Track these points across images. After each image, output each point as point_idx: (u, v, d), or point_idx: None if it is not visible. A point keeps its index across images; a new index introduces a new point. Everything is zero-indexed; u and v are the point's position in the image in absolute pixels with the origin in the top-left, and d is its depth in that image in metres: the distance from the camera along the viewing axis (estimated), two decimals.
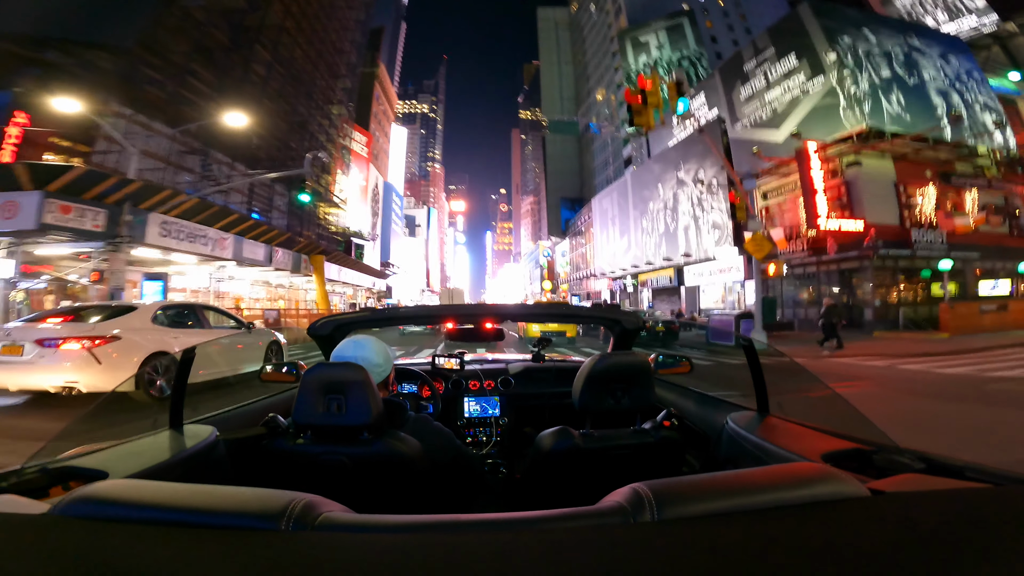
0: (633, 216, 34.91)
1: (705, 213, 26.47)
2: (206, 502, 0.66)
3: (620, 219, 37.07)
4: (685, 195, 28.45)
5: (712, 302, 27.57)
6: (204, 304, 8.61)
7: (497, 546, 0.57)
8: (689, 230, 27.88)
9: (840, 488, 0.66)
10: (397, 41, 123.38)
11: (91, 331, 5.45)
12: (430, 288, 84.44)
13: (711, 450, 1.51)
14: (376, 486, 1.23)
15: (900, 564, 0.49)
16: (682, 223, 28.71)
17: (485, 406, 2.36)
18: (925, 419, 5.37)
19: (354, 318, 1.96)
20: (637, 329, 1.97)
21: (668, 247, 30.12)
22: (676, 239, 29.28)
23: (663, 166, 31.08)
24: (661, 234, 31.17)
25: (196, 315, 6.95)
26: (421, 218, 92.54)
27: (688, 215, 28.07)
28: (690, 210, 27.90)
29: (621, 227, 36.94)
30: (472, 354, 2.74)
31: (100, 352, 5.28)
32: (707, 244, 26.22)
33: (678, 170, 29.16)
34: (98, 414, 3.51)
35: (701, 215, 26.82)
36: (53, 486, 0.96)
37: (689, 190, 28.02)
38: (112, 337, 5.47)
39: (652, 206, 32.30)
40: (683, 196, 28.66)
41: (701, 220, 26.81)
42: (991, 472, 0.82)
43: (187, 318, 6.77)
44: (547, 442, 1.35)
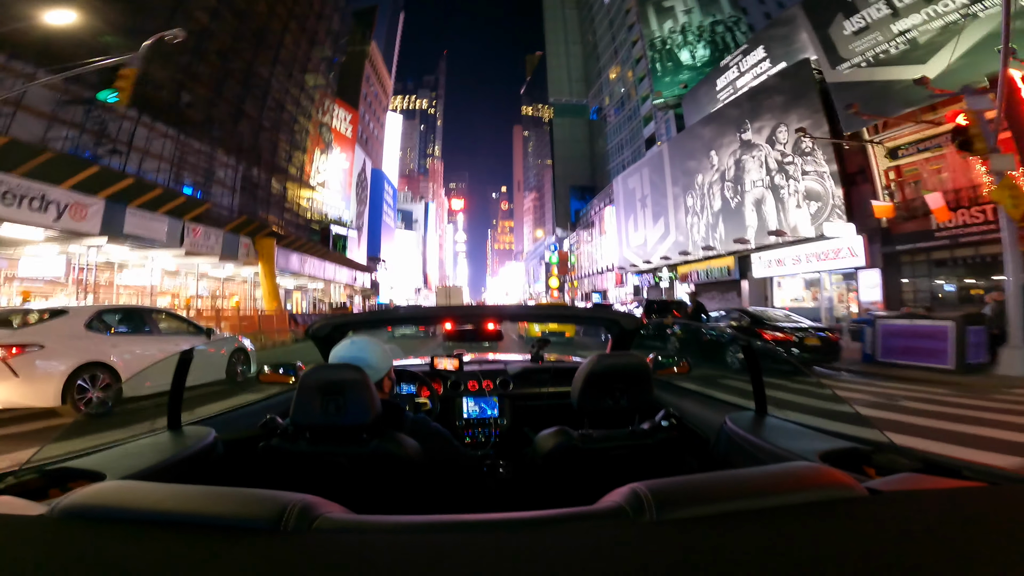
0: (673, 194, 27.36)
1: (792, 181, 18.89)
2: (205, 503, 0.65)
3: (653, 199, 29.52)
4: (755, 161, 20.89)
5: (789, 300, 20.09)
6: (154, 308, 7.71)
7: (496, 547, 0.56)
8: (765, 204, 20.31)
9: (838, 488, 0.65)
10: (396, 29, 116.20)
11: (7, 339, 4.77)
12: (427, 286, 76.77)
13: (709, 450, 1.47)
14: (375, 487, 1.20)
15: (898, 564, 0.49)
16: (751, 197, 21.14)
17: (484, 407, 2.27)
18: None
19: (352, 319, 1.91)
20: (636, 329, 1.89)
21: (729, 228, 22.55)
22: (740, 217, 21.73)
23: (718, 128, 23.51)
24: (716, 212, 23.60)
25: (143, 320, 6.12)
26: (418, 213, 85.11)
27: (762, 185, 20.49)
28: (765, 179, 20.33)
29: (655, 209, 29.38)
30: (471, 355, 2.68)
31: (17, 362, 4.66)
32: (795, 220, 18.65)
33: (742, 130, 21.61)
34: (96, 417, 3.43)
35: (785, 184, 19.25)
36: (52, 487, 0.93)
37: (763, 153, 20.46)
38: (31, 345, 4.82)
39: (702, 179, 24.73)
40: (752, 163, 21.11)
41: (785, 191, 19.24)
42: (988, 472, 0.80)
43: (131, 324, 6.00)
44: (546, 442, 1.34)
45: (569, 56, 66.34)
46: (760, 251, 20.75)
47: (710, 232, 24.07)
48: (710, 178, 24.14)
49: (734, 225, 22.19)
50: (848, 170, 16.92)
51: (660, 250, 28.56)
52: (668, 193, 27.77)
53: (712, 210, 23.95)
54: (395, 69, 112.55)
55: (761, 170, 20.58)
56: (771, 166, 20.01)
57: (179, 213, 15.87)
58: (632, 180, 32.55)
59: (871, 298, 16.24)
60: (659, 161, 29.09)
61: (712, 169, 23.98)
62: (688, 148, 26.06)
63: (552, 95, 62.79)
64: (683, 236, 26.40)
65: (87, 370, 5.07)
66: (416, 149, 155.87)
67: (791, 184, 18.93)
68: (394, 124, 74.84)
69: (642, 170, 31.38)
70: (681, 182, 26.61)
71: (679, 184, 26.83)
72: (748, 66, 24.95)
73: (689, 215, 25.89)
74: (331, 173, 39.88)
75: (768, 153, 20.20)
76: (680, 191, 26.68)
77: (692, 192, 25.66)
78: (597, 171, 56.74)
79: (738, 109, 22.13)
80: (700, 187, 24.95)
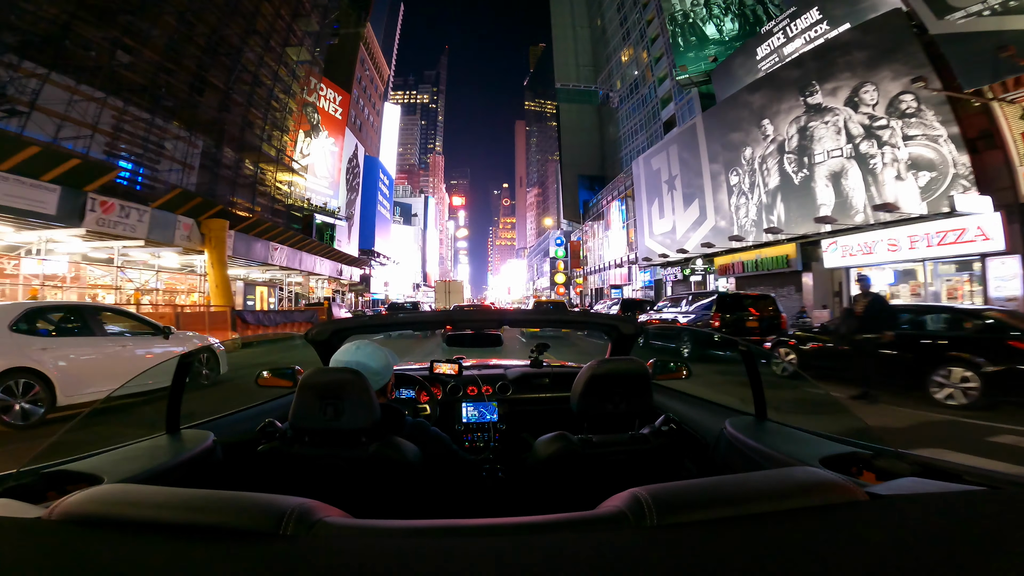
0: (711, 172, 22.97)
1: (888, 148, 14.52)
2: (203, 507, 0.63)
3: (685, 180, 25.12)
4: (829, 127, 16.54)
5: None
6: (99, 305, 6.69)
7: (496, 551, 0.55)
8: (847, 177, 15.95)
9: (838, 493, 0.64)
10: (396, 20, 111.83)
11: None
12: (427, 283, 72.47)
13: (709, 455, 1.45)
14: (374, 491, 1.18)
15: (898, 567, 0.49)
16: (824, 169, 16.78)
17: (483, 411, 2.22)
18: None
19: (353, 323, 2.01)
20: (635, 334, 1.86)
21: (793, 208, 18.19)
22: (807, 195, 17.37)
23: (772, 93, 19.19)
24: (772, 190, 19.24)
25: (84, 320, 5.29)
26: (418, 207, 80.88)
27: (843, 155, 16.14)
28: (846, 147, 15.99)
29: (686, 191, 24.96)
30: (470, 360, 2.66)
31: None
32: (894, 194, 14.28)
33: (807, 94, 17.32)
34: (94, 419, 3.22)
35: (877, 152, 14.89)
36: (50, 490, 0.92)
37: (839, 118, 16.12)
38: None
39: (752, 153, 20.35)
40: (824, 129, 16.75)
41: (877, 160, 14.89)
42: (988, 475, 0.79)
43: (70, 324, 5.24)
44: (545, 447, 1.30)
45: (576, 40, 61.72)
46: (836, 235, 16.37)
47: (763, 214, 19.69)
48: (763, 151, 19.74)
49: (800, 204, 17.80)
50: (968, 134, 12.61)
51: (695, 237, 24.13)
52: (704, 172, 23.36)
53: (766, 188, 19.57)
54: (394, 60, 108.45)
55: (839, 137, 16.20)
56: (854, 132, 15.65)
57: (77, 181, 11.53)
58: (656, 160, 28.12)
59: (1007, 292, 11.95)
60: (691, 137, 24.66)
61: (765, 140, 19.59)
62: (730, 119, 21.65)
63: (559, 80, 58.14)
64: (725, 220, 22.00)
65: (11, 377, 4.45)
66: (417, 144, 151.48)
67: (887, 152, 14.53)
68: (392, 115, 70.67)
69: (668, 148, 26.94)
70: (722, 158, 22.21)
71: (719, 160, 22.44)
72: (798, 30, 20.95)
73: (735, 195, 21.49)
74: (317, 157, 35.63)
75: (848, 117, 15.85)
76: (720, 168, 22.29)
77: (737, 169, 21.27)
78: (607, 159, 52.23)
79: (799, 70, 17.79)
80: (748, 162, 20.56)
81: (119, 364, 5.21)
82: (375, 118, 58.84)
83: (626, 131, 48.27)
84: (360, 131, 51.02)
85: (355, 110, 50.30)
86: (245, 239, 19.31)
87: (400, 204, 73.90)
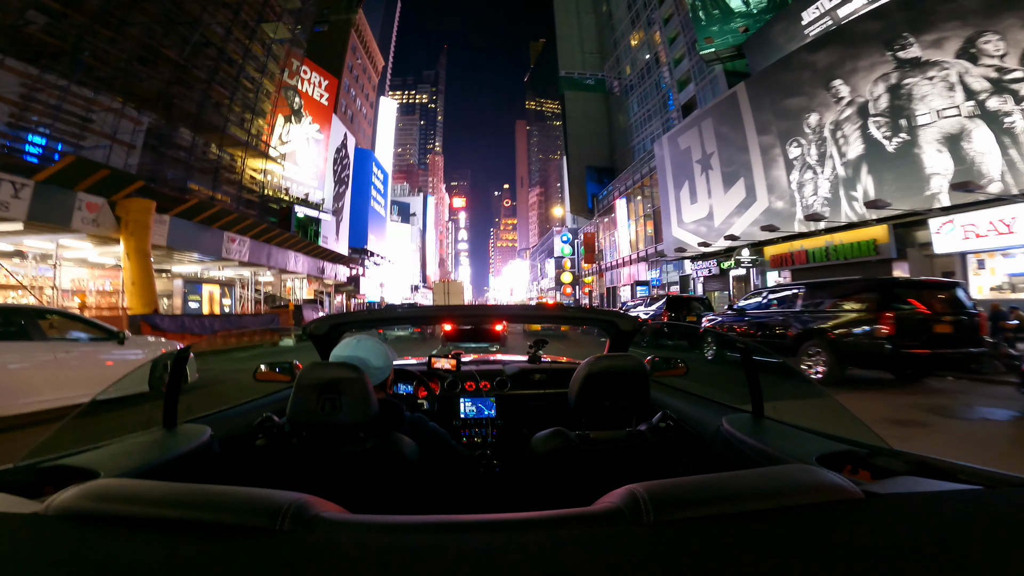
0: (760, 146, 18.91)
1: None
2: (200, 501, 0.63)
3: (724, 158, 21.06)
4: (937, 84, 12.62)
5: (987, 289, 11.78)
6: (41, 307, 6.44)
7: (493, 547, 0.55)
8: (969, 139, 12.02)
9: (834, 490, 0.63)
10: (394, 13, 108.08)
11: None
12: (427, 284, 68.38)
13: (706, 452, 1.40)
14: (371, 486, 1.16)
15: (894, 565, 0.49)
16: (934, 132, 12.80)
17: (481, 407, 2.18)
18: None
19: (352, 318, 1.86)
20: (634, 331, 1.79)
21: (888, 180, 14.13)
22: (910, 163, 13.31)
23: (841, 51, 15.44)
24: (853, 160, 15.21)
25: (22, 323, 4.72)
26: (416, 206, 76.87)
27: (961, 113, 12.23)
28: (964, 105, 12.14)
29: (726, 170, 20.90)
30: (469, 355, 2.63)
31: None
32: None
33: (896, 47, 13.44)
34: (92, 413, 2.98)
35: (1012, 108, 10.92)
36: (47, 485, 0.90)
37: (950, 72, 12.27)
38: None
39: (819, 119, 16.32)
40: (929, 87, 12.82)
41: (1017, 116, 10.92)
42: (984, 474, 0.78)
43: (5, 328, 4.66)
44: (542, 443, 1.28)
45: (581, 27, 57.63)
46: (952, 212, 12.29)
47: (842, 190, 15.59)
48: (835, 116, 15.72)
49: (899, 175, 13.74)
50: None
51: (740, 222, 20.02)
52: (751, 146, 19.30)
53: (844, 158, 15.49)
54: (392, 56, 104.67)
55: (952, 94, 12.28)
56: (976, 87, 11.75)
57: None
58: (685, 138, 24.03)
59: None
60: (731, 108, 20.58)
61: (839, 104, 15.58)
62: (785, 83, 17.62)
63: (563, 68, 53.96)
64: (784, 200, 17.91)
65: None
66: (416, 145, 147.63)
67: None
68: (388, 109, 66.85)
69: (700, 124, 22.86)
70: (775, 128, 18.15)
71: (770, 132, 18.39)
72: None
73: (796, 170, 17.41)
74: (299, 144, 31.65)
75: (965, 71, 11.97)
76: (773, 140, 18.23)
77: (798, 139, 17.22)
78: (617, 149, 48.07)
79: (881, 22, 13.97)
80: (815, 130, 16.51)
81: (63, 372, 4.73)
82: (368, 110, 54.99)
83: (638, 118, 44.25)
84: (352, 122, 47.12)
85: (346, 99, 46.48)
86: (188, 227, 15.25)
87: (398, 203, 69.94)
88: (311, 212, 29.94)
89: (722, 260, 21.74)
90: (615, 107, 49.61)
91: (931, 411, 4.70)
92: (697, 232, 22.95)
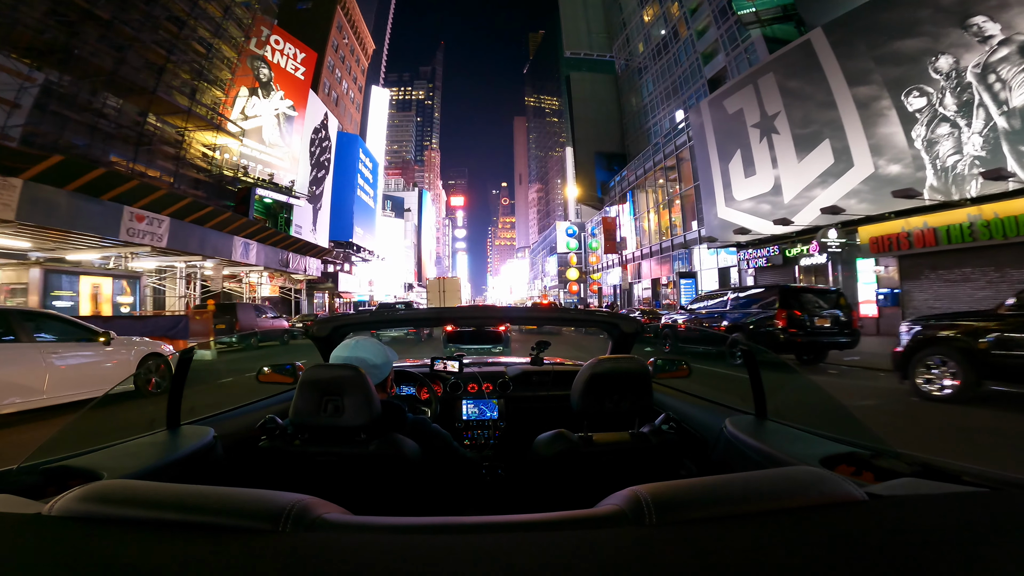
0: (853, 100, 14.02)
1: None
2: (203, 503, 0.62)
3: (798, 118, 16.16)
4: None
5: None
6: (26, 309, 6.40)
7: (495, 549, 0.54)
8: None
9: (837, 492, 0.63)
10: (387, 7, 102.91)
11: None
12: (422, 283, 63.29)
13: (708, 454, 1.39)
14: (374, 487, 1.15)
15: (897, 568, 0.48)
16: None
17: (483, 409, 2.14)
18: None
19: (353, 320, 1.90)
20: (636, 332, 1.80)
21: None
22: None
23: None
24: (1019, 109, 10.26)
25: (6, 326, 4.69)
26: (411, 201, 71.73)
27: None
28: None
29: (800, 134, 15.99)
30: (471, 357, 2.57)
31: None
32: None
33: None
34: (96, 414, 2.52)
35: None
36: (50, 486, 0.88)
37: None
38: None
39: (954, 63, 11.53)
40: None
41: None
42: (988, 476, 0.76)
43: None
44: (545, 445, 1.27)
45: (587, 7, 52.78)
46: None
47: (1006, 145, 10.70)
48: (981, 57, 10.96)
49: None
50: None
51: (824, 196, 15.08)
52: (841, 101, 14.42)
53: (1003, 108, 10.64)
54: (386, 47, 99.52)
55: None
56: None
57: None
58: (735, 101, 19.09)
59: None
60: (803, 58, 15.69)
61: (986, 42, 10.90)
62: (888, 25, 12.89)
63: (568, 48, 48.92)
64: (901, 163, 12.99)
65: None
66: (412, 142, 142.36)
67: None
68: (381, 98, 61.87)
69: (757, 81, 17.93)
70: (878, 77, 13.32)
71: (870, 81, 13.57)
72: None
73: (923, 124, 12.48)
74: (267, 120, 26.67)
75: None
76: (878, 91, 13.38)
77: (921, 87, 12.33)
78: (629, 133, 43.11)
79: None
80: (949, 75, 11.66)
81: (47, 374, 4.78)
82: (357, 94, 50.07)
83: (654, 97, 39.35)
84: (337, 105, 42.17)
85: (330, 80, 41.57)
86: (57, 197, 10.27)
87: (391, 197, 64.83)
88: (280, 197, 24.93)
89: (789, 248, 16.83)
90: (626, 88, 44.65)
91: None
92: (756, 211, 17.99)
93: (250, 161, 24.11)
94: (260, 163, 25.10)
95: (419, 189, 78.65)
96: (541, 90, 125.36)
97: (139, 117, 16.25)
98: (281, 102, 28.25)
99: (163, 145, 17.22)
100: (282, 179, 25.83)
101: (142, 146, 16.06)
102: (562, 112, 65.83)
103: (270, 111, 27.11)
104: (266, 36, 26.04)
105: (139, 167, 15.92)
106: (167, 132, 17.46)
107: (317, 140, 31.98)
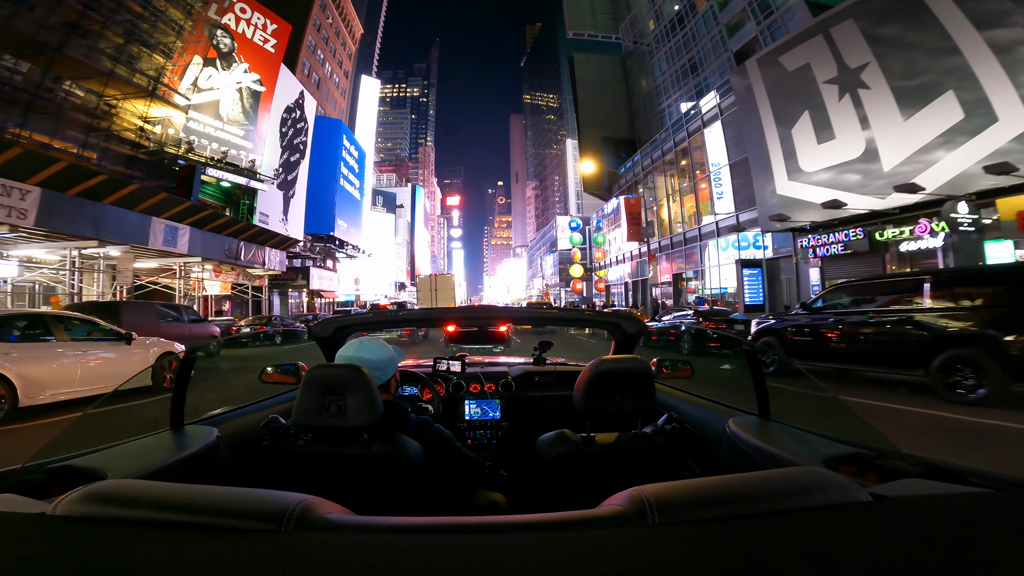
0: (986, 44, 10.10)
1: None
2: (206, 503, 0.62)
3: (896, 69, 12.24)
4: None
5: None
6: (59, 313, 6.25)
7: (497, 549, 0.54)
8: None
9: (841, 492, 0.62)
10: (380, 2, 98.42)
11: None
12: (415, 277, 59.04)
13: (711, 454, 1.36)
14: (376, 488, 1.14)
15: (901, 568, 0.48)
16: None
17: (486, 409, 2.12)
18: None
19: (356, 320, 1.89)
20: (638, 333, 1.77)
21: None
22: None
23: None
24: None
25: (45, 326, 5.30)
26: (403, 197, 67.50)
27: None
28: None
29: (900, 88, 12.04)
30: (473, 357, 2.55)
31: None
32: None
33: None
34: (100, 414, 3.05)
35: None
36: (54, 486, 0.88)
37: None
38: None
39: None
40: None
41: None
42: (993, 477, 0.74)
43: (29, 331, 5.20)
44: (547, 445, 1.26)
45: None
46: None
47: None
48: None
49: None
50: None
51: (954, 160, 11.04)
52: (965, 45, 10.61)
53: None
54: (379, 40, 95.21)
55: None
56: None
57: None
58: (795, 56, 15.05)
59: None
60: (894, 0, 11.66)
61: None
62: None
63: (571, 28, 44.91)
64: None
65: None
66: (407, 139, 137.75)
67: None
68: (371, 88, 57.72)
69: (831, 30, 13.90)
70: (1020, 18, 9.28)
71: (1010, 22, 9.59)
72: None
73: None
74: (226, 94, 22.43)
75: None
76: None
77: None
78: (640, 118, 39.06)
79: None
80: None
81: (79, 369, 5.23)
82: (343, 80, 45.88)
83: (667, 77, 35.35)
84: (318, 89, 38.01)
85: (310, 60, 37.34)
86: None
87: (382, 192, 60.61)
88: (239, 179, 20.74)
89: (878, 229, 12.79)
90: (635, 69, 40.56)
91: None
92: (836, 183, 13.89)
93: (200, 137, 19.91)
94: (215, 140, 20.90)
95: (412, 185, 74.49)
96: (538, 86, 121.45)
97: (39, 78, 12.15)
98: (245, 75, 23.91)
99: (78, 113, 13.11)
100: (242, 160, 21.61)
101: (40, 112, 11.89)
102: (560, 109, 62.07)
103: (230, 84, 22.82)
104: (228, 3, 22.00)
105: (40, 136, 11.81)
106: (89, 100, 13.40)
107: (290, 120, 27.71)
